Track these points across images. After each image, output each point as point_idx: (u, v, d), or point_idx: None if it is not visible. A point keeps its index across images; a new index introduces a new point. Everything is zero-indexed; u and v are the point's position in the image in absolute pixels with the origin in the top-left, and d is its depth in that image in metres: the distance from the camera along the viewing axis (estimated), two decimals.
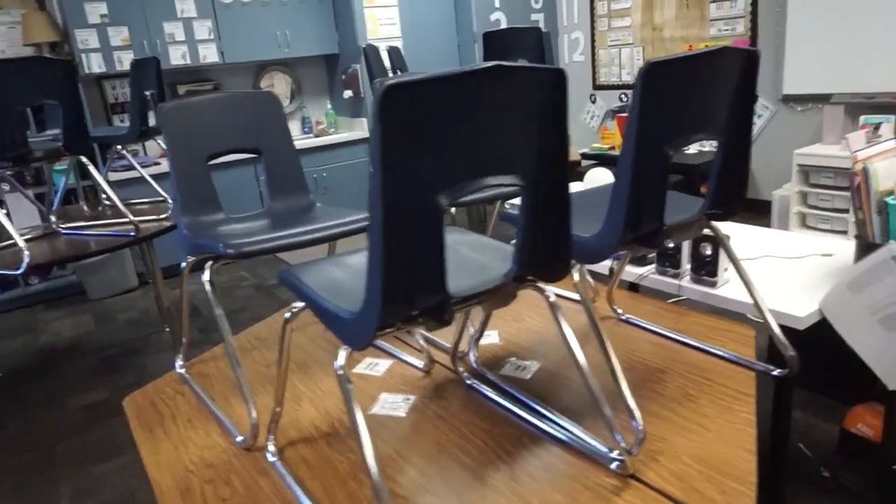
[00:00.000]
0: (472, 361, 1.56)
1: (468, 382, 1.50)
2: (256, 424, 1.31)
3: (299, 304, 1.07)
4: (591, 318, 1.16)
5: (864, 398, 1.90)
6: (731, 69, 1.07)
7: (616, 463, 1.13)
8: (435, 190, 0.79)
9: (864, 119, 3.67)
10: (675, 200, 1.24)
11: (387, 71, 3.70)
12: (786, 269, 1.85)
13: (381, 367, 1.64)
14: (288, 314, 1.10)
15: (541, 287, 1.07)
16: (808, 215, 3.92)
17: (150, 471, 1.30)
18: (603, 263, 1.89)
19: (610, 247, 1.09)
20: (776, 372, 1.39)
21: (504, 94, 0.81)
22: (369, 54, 3.42)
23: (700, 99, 1.06)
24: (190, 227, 1.51)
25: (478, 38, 5.28)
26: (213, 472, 1.26)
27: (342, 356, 0.92)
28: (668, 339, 1.62)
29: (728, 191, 1.21)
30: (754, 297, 1.36)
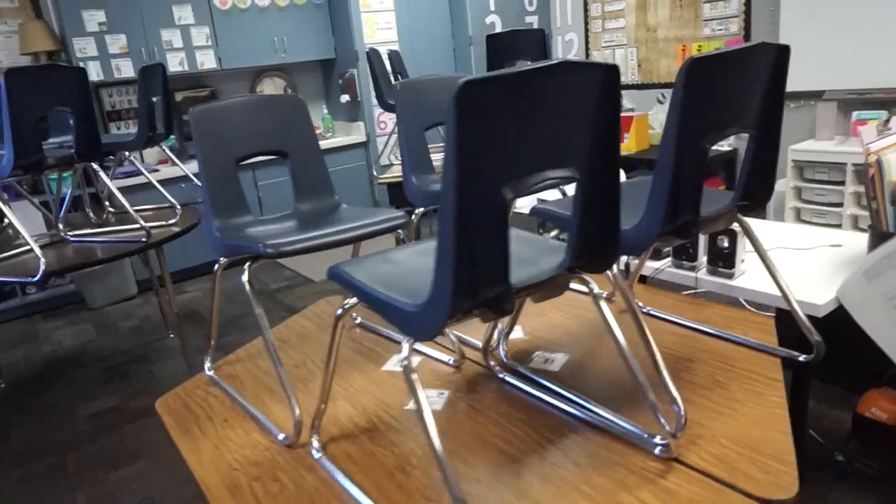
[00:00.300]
0: (502, 355, 1.59)
1: (500, 376, 1.52)
2: (300, 421, 1.33)
3: (352, 301, 1.09)
4: (631, 307, 1.19)
5: (875, 384, 1.95)
6: (764, 64, 1.11)
7: (660, 447, 1.16)
8: (501, 183, 0.82)
9: (857, 115, 3.76)
10: (705, 193, 1.28)
11: (388, 74, 3.73)
12: (797, 261, 1.90)
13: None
14: (340, 311, 1.12)
15: (585, 279, 1.11)
16: (804, 210, 3.99)
17: (195, 470, 1.31)
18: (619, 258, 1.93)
19: (649, 238, 1.13)
20: (802, 357, 1.43)
21: (565, 90, 0.84)
22: (372, 58, 3.45)
23: (735, 93, 1.10)
24: (221, 230, 1.52)
25: (474, 41, 5.33)
26: (259, 470, 1.27)
27: (405, 348, 0.94)
28: (691, 330, 1.66)
29: (758, 183, 1.25)
30: (780, 285, 1.40)
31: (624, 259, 2.06)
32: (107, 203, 3.15)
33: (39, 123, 2.11)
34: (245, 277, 1.38)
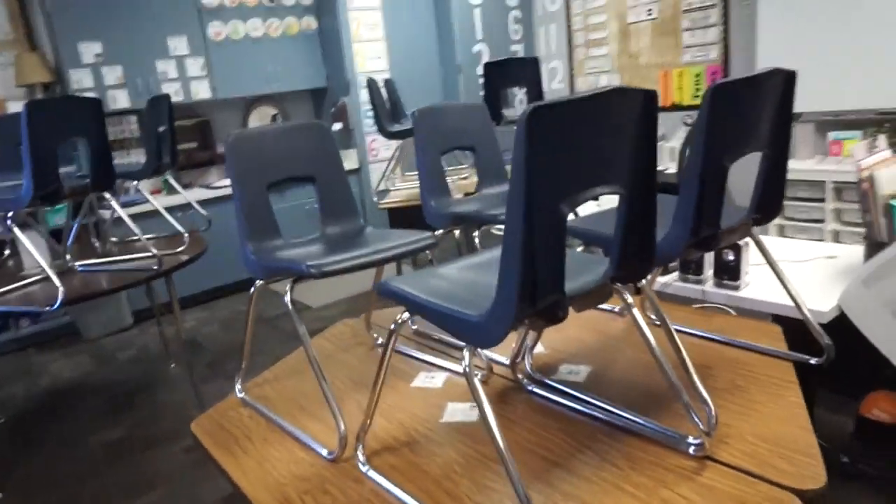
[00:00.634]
0: (529, 369, 1.65)
1: (529, 388, 1.59)
2: (345, 436, 1.37)
3: (404, 315, 1.15)
4: (660, 316, 1.27)
5: (875, 388, 2.05)
6: (775, 88, 1.22)
7: (694, 446, 1.23)
8: (560, 198, 0.90)
9: (833, 135, 3.95)
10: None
11: (385, 102, 3.83)
12: (795, 272, 2.01)
13: (438, 380, 1.72)
14: (393, 325, 1.18)
15: (619, 288, 1.18)
16: (787, 227, 4.16)
17: (242, 485, 1.34)
18: None
19: (677, 250, 1.21)
20: (814, 361, 1.52)
21: (613, 114, 0.93)
22: (371, 86, 3.55)
23: (751, 115, 1.20)
24: (255, 253, 1.58)
25: (462, 70, 5.48)
26: (308, 484, 1.31)
27: (467, 356, 1.00)
28: (705, 339, 1.74)
29: (770, 198, 1.35)
30: (791, 294, 1.50)
31: None
32: (108, 234, 3.17)
33: (56, 154, 2.14)
34: (288, 298, 1.43)
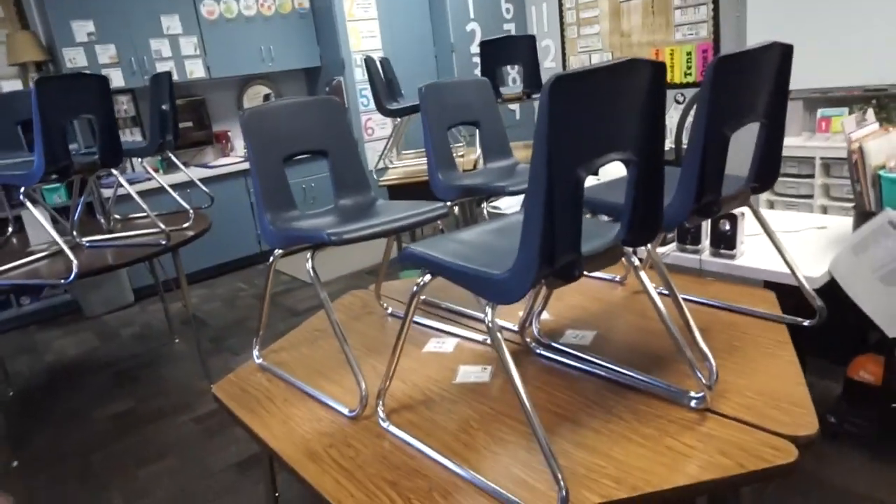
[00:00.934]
0: (536, 333, 1.73)
1: (538, 351, 1.67)
2: (366, 395, 1.45)
3: (426, 278, 1.22)
4: (666, 280, 1.35)
5: (862, 352, 2.16)
6: (774, 61, 1.29)
7: (695, 400, 1.31)
8: (577, 163, 0.97)
9: (821, 112, 4.04)
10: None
11: (382, 79, 3.86)
12: (788, 242, 2.10)
13: (449, 346, 1.79)
14: (415, 287, 1.25)
15: (628, 251, 1.26)
16: (776, 202, 4.26)
17: (269, 441, 1.41)
18: None
19: (682, 215, 1.29)
20: (807, 322, 1.61)
21: (627, 84, 0.99)
22: (370, 66, 3.58)
23: (751, 87, 1.27)
24: (273, 223, 1.63)
25: (455, 48, 5.49)
26: (331, 439, 1.39)
27: (490, 312, 1.08)
28: (703, 305, 1.83)
29: (768, 167, 1.43)
30: (786, 260, 1.58)
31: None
32: (111, 211, 3.20)
33: (66, 130, 2.17)
34: (310, 265, 1.49)
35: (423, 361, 1.71)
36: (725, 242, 1.97)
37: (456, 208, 2.47)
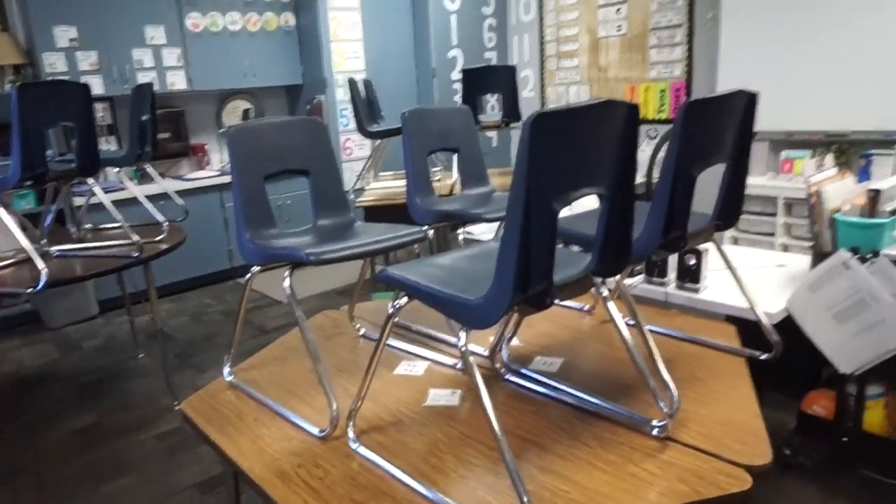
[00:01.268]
0: (506, 359, 1.77)
1: (507, 377, 1.70)
2: (337, 415, 1.46)
3: (402, 300, 1.25)
4: (632, 310, 1.40)
5: (815, 387, 2.24)
6: (740, 107, 1.36)
7: (657, 428, 1.36)
8: (554, 196, 1.01)
9: (785, 154, 4.21)
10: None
11: (364, 101, 3.91)
12: (749, 278, 2.18)
13: (419, 369, 1.81)
14: (391, 309, 1.27)
15: (597, 281, 1.31)
16: (740, 239, 4.40)
17: (238, 460, 1.41)
18: None
19: (650, 248, 1.35)
20: (764, 356, 1.68)
21: (603, 123, 1.04)
22: (352, 86, 3.63)
23: (718, 130, 1.34)
24: (252, 240, 1.65)
25: (436, 74, 5.59)
26: (301, 459, 1.39)
27: (463, 336, 1.11)
28: (667, 336, 1.89)
29: (731, 205, 1.50)
30: (746, 294, 1.65)
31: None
32: (83, 221, 3.16)
33: (45, 137, 2.16)
34: (287, 283, 1.51)
35: (394, 383, 1.72)
36: (690, 276, 2.05)
37: (431, 232, 2.51)
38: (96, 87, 4.32)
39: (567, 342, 1.92)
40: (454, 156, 2.22)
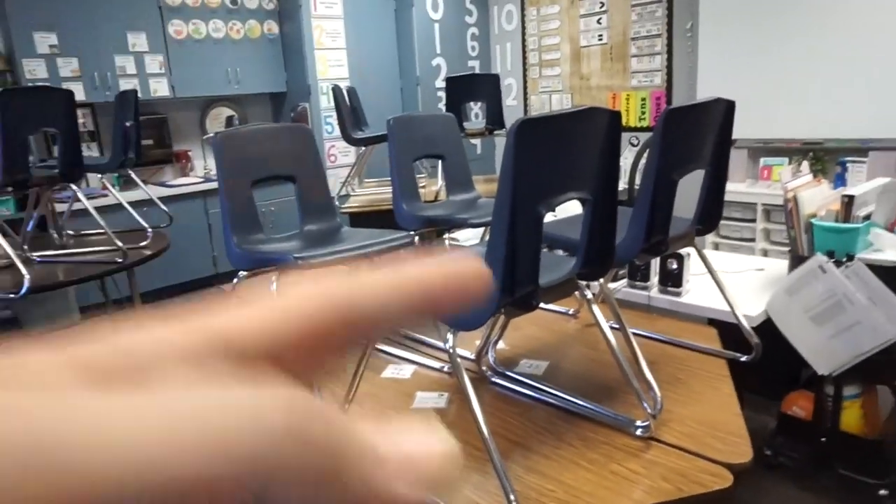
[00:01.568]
0: (492, 362, 1.79)
1: (493, 380, 1.72)
2: None
3: None
4: (616, 314, 1.43)
5: (794, 388, 2.29)
6: (718, 115, 1.40)
7: (640, 428, 1.39)
8: (538, 201, 1.04)
9: (764, 161, 4.30)
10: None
11: (348, 108, 3.93)
12: (729, 281, 2.22)
13: (406, 372, 1.83)
14: None
15: (581, 284, 1.34)
16: (721, 244, 4.48)
17: None
18: None
19: (633, 252, 1.38)
20: (744, 358, 1.72)
21: (586, 130, 1.07)
22: (337, 94, 3.64)
23: (697, 137, 1.38)
24: (240, 245, 1.65)
25: (420, 82, 5.62)
26: None
27: (451, 338, 1.13)
28: (650, 339, 1.92)
29: (711, 211, 1.54)
30: (726, 297, 1.69)
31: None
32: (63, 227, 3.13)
33: (28, 142, 2.15)
34: (274, 287, 1.51)
35: (382, 386, 1.73)
36: (672, 280, 2.08)
37: (416, 238, 2.53)
38: (77, 94, 4.27)
39: (552, 345, 1.95)
40: (439, 162, 2.25)
